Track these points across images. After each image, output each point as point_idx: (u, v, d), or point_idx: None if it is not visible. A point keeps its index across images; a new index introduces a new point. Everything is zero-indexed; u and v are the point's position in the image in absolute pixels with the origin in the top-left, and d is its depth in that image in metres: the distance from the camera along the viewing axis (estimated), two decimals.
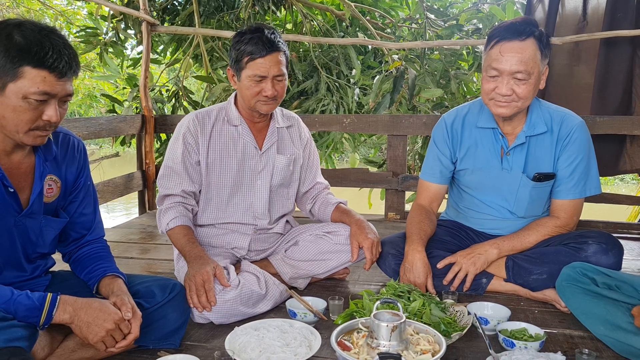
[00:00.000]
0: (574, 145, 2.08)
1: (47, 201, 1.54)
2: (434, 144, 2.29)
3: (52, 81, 1.32)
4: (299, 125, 2.38)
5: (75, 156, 1.63)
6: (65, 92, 1.37)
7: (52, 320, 1.37)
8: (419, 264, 2.06)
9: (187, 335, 1.79)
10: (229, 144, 2.17)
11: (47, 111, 1.34)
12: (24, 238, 1.50)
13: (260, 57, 2.00)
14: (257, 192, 2.21)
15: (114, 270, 1.65)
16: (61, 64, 1.32)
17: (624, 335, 1.63)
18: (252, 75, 2.03)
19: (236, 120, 2.17)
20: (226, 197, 2.19)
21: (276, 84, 2.06)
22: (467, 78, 4.41)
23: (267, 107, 2.10)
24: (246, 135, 2.18)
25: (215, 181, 2.17)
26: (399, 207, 3.77)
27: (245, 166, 2.19)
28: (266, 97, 2.05)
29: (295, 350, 1.58)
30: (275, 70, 2.03)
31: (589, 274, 1.81)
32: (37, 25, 1.33)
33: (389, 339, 1.37)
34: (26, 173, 1.48)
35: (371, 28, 4.90)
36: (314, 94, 4.79)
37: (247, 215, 2.21)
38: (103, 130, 3.54)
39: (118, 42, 4.81)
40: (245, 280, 1.93)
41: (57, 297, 1.39)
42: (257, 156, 2.20)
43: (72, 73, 1.37)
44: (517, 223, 2.21)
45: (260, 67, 2.01)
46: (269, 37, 2.01)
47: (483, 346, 1.64)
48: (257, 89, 2.05)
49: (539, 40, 1.93)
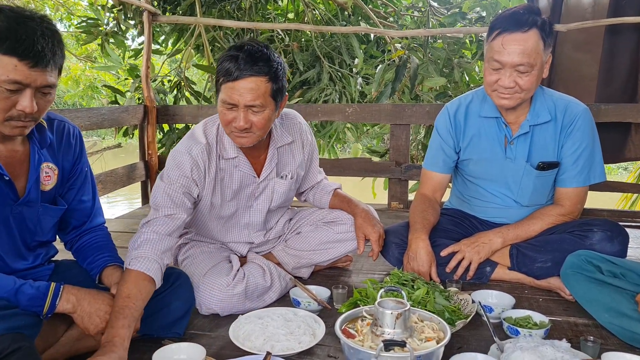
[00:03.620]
0: (578, 132, 2.06)
1: (44, 189, 1.52)
2: (437, 134, 2.27)
3: (24, 70, 1.25)
4: (301, 133, 2.13)
5: (71, 143, 1.61)
6: (43, 82, 1.29)
7: (56, 310, 1.38)
8: (423, 252, 2.05)
9: (191, 324, 1.79)
10: (226, 177, 1.97)
11: (21, 101, 1.28)
12: (22, 226, 1.49)
13: (232, 80, 1.70)
14: (252, 214, 2.09)
15: (115, 260, 1.65)
16: (32, 52, 1.24)
17: (629, 323, 1.63)
18: (222, 100, 1.75)
19: (232, 152, 1.93)
20: (222, 225, 2.09)
21: (251, 115, 1.75)
22: (470, 67, 4.38)
23: (241, 140, 1.81)
24: (243, 166, 1.96)
25: (212, 213, 2.04)
26: (402, 197, 3.76)
27: (242, 194, 2.03)
28: (236, 129, 1.77)
29: (299, 339, 1.58)
30: (248, 99, 1.70)
31: (594, 261, 1.80)
32: (16, 12, 1.27)
33: (393, 326, 1.36)
34: (21, 161, 1.46)
35: (373, 17, 4.87)
36: (317, 83, 4.77)
37: (242, 235, 2.14)
38: (105, 121, 3.53)
39: (119, 32, 4.79)
40: (250, 272, 1.93)
41: (60, 287, 1.40)
42: (254, 184, 2.02)
43: (49, 62, 1.29)
44: (521, 211, 2.20)
45: (231, 92, 1.71)
46: (246, 58, 1.69)
47: (487, 334, 1.63)
48: (230, 117, 1.76)
49: (542, 29, 1.90)
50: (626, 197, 5.08)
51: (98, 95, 9.22)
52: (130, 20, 4.78)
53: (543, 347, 1.39)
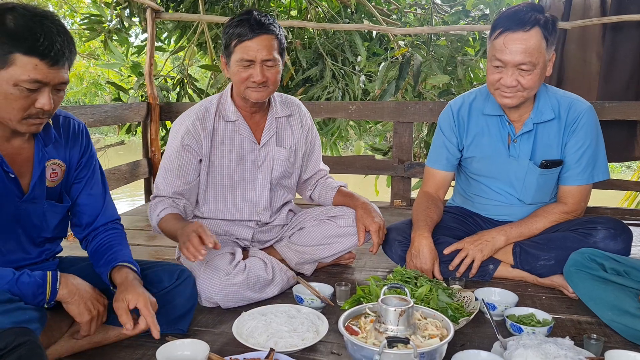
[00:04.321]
0: (582, 130, 2.06)
1: (50, 185, 1.54)
2: (440, 131, 2.27)
3: (44, 69, 1.28)
4: (300, 111, 2.28)
5: (77, 138, 1.62)
6: (59, 79, 1.33)
7: (57, 295, 1.38)
8: (426, 250, 2.05)
9: (195, 320, 1.80)
10: (227, 140, 2.09)
11: (40, 99, 1.32)
12: (27, 222, 1.51)
13: (248, 39, 1.89)
14: (257, 186, 2.16)
15: (121, 259, 1.59)
16: (52, 52, 1.28)
17: (632, 321, 1.63)
18: (240, 59, 1.92)
19: (232, 115, 2.08)
20: (225, 193, 2.14)
21: (266, 70, 1.94)
22: (473, 64, 4.36)
23: (257, 95, 1.98)
24: (243, 130, 2.09)
25: (215, 179, 2.12)
26: (405, 194, 3.76)
27: (244, 161, 2.12)
28: (255, 83, 1.94)
29: (303, 335, 1.58)
30: (264, 54, 1.91)
31: (597, 259, 1.80)
32: (30, 10, 1.28)
33: (396, 323, 1.37)
34: (27, 159, 1.48)
35: (377, 14, 4.86)
36: (319, 81, 4.76)
37: (249, 211, 2.17)
38: (108, 118, 3.54)
39: (122, 29, 4.79)
40: (252, 265, 1.93)
41: (57, 274, 1.40)
42: (255, 150, 2.12)
43: (65, 60, 1.33)
44: (524, 209, 2.20)
45: (248, 50, 1.90)
46: (257, 19, 1.91)
47: (490, 331, 1.64)
48: (245, 75, 1.94)
49: (544, 28, 1.89)
50: (630, 195, 5.07)
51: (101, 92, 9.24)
52: (133, 18, 4.78)
53: (546, 345, 1.39)
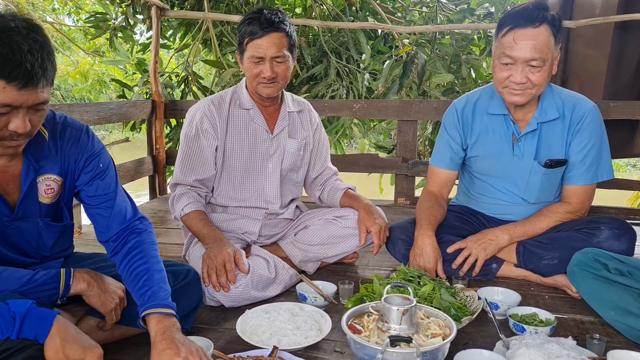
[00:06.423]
0: (586, 130, 2.05)
1: (46, 202, 1.46)
2: (445, 130, 2.27)
3: (13, 92, 1.15)
4: (310, 110, 2.38)
5: (77, 146, 1.50)
6: (34, 100, 1.19)
7: (71, 290, 1.38)
8: (429, 249, 2.06)
9: (199, 318, 1.81)
10: (242, 127, 2.18)
11: (13, 121, 1.19)
12: (20, 241, 1.45)
13: (258, 37, 1.98)
14: (268, 176, 2.21)
15: (157, 305, 1.39)
16: (20, 73, 1.13)
17: (635, 321, 1.63)
18: (251, 56, 2.01)
19: (248, 104, 2.17)
20: (238, 180, 2.19)
21: (275, 66, 2.02)
22: (478, 63, 4.36)
23: (268, 90, 2.08)
24: (258, 118, 2.18)
25: (228, 164, 2.18)
26: (408, 193, 3.76)
27: (257, 150, 2.19)
28: (265, 79, 2.03)
29: (306, 333, 1.59)
30: (273, 51, 1.99)
31: (601, 259, 1.80)
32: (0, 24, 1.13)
33: (399, 322, 1.37)
34: (14, 176, 1.39)
35: (381, 12, 4.85)
36: (324, 79, 4.76)
37: (259, 199, 2.22)
38: (113, 115, 3.55)
39: (127, 27, 4.80)
40: (254, 264, 1.94)
41: (70, 270, 1.41)
42: (268, 140, 2.20)
43: (40, 79, 1.18)
44: (528, 209, 2.20)
45: (258, 47, 1.99)
46: (267, 17, 1.98)
47: (493, 331, 1.64)
48: (256, 71, 2.03)
49: (552, 25, 1.90)
50: (634, 195, 5.06)
51: (106, 90, 9.26)
52: (138, 15, 4.79)
53: (549, 345, 1.39)
